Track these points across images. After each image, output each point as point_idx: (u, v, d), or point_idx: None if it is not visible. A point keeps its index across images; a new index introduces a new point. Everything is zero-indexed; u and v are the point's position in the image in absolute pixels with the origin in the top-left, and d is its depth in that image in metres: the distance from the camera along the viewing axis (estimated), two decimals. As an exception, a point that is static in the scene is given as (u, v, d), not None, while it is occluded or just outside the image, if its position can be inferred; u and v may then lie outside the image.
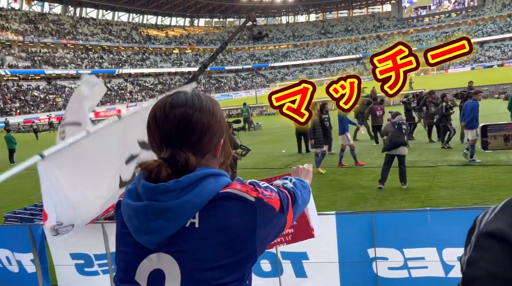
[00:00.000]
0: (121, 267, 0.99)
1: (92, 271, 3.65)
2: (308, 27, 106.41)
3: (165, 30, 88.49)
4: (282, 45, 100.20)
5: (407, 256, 3.24)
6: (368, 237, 3.33)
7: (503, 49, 78.87)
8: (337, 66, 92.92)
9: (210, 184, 0.95)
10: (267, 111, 31.57)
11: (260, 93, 56.25)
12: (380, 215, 3.39)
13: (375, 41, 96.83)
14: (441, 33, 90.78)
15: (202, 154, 1.02)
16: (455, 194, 6.64)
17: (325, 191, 7.78)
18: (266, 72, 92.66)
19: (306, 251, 3.22)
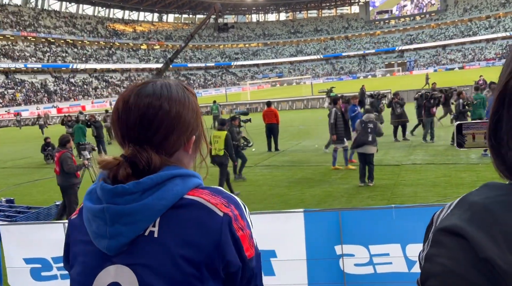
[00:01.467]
0: (77, 280, 0.90)
1: (50, 276, 3.49)
2: (278, 26, 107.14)
3: (132, 25, 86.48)
4: (252, 43, 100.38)
5: (373, 252, 3.31)
6: (336, 234, 3.37)
7: (464, 52, 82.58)
8: (306, 66, 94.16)
9: (176, 186, 0.86)
10: (237, 110, 31.51)
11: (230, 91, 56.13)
12: (347, 212, 3.44)
13: (343, 42, 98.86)
14: (406, 35, 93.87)
15: (171, 151, 0.92)
16: (419, 191, 6.87)
17: (294, 189, 7.84)
18: (236, 70, 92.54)
19: (274, 249, 3.22)
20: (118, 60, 74.56)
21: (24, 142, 22.39)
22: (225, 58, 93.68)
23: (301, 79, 73.92)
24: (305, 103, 29.76)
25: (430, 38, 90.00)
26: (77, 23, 75.00)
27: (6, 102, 51.90)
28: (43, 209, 6.80)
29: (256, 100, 33.27)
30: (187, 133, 0.93)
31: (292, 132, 16.24)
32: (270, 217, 3.67)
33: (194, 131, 0.95)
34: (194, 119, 0.95)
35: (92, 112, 31.63)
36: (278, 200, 7.15)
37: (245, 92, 51.28)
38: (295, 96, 32.69)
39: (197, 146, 0.99)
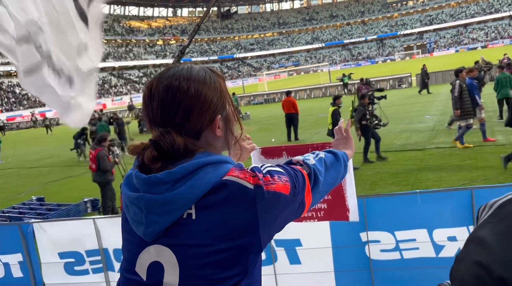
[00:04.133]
0: (125, 256, 0.95)
1: (82, 270, 3.62)
2: (293, 14, 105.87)
3: (147, 22, 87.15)
4: (267, 33, 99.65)
5: (399, 238, 3.29)
6: (361, 221, 3.37)
7: (486, 31, 79.74)
8: (323, 53, 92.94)
9: (207, 174, 0.87)
10: (255, 101, 31.49)
11: (247, 83, 56.10)
12: (371, 199, 3.42)
13: (360, 27, 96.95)
14: (425, 16, 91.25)
15: (194, 132, 0.91)
16: (444, 176, 6.75)
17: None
18: (252, 61, 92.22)
19: (299, 238, 3.25)
20: (135, 57, 75.45)
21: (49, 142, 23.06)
22: (240, 49, 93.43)
23: (318, 67, 73.09)
24: (323, 91, 29.46)
25: (451, 17, 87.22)
26: (94, 22, 76.11)
27: (31, 103, 53.42)
28: (73, 206, 7.02)
29: (273, 90, 33.15)
30: (210, 112, 0.92)
31: (311, 121, 16.14)
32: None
33: (218, 111, 0.93)
34: (218, 99, 0.93)
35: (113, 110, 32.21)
36: (300, 189, 7.16)
37: (262, 83, 51.13)
38: (313, 85, 32.38)
39: (228, 128, 0.97)
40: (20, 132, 36.44)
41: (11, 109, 50.90)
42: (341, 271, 3.42)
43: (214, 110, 0.93)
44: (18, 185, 10.84)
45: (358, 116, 8.19)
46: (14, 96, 54.91)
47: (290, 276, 3.42)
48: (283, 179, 0.92)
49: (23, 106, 52.21)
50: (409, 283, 3.29)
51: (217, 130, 0.94)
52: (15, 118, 44.44)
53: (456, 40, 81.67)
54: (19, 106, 52.46)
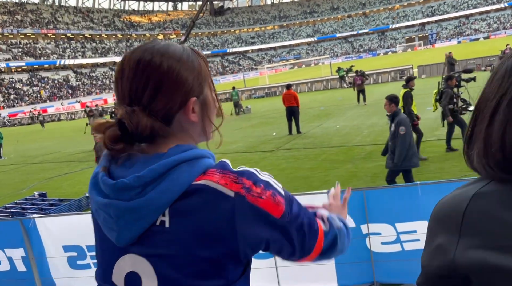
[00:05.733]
0: (100, 263, 0.89)
1: (84, 264, 3.64)
2: (294, 7, 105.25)
3: (148, 16, 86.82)
4: (268, 26, 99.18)
5: (400, 230, 3.30)
6: (361, 213, 3.37)
7: (489, 21, 79.14)
8: (324, 46, 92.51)
9: (182, 173, 0.77)
10: (256, 94, 31.43)
11: (248, 77, 55.95)
12: (372, 192, 3.42)
13: (361, 19, 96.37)
14: (427, 7, 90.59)
15: (164, 114, 0.80)
16: (445, 167, 6.73)
17: (317, 171, 7.82)
18: (253, 55, 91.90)
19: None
20: (136, 52, 75.33)
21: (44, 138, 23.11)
22: (241, 43, 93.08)
23: (319, 59, 72.81)
24: (325, 84, 29.36)
25: (453, 8, 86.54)
26: (94, 17, 75.86)
27: (32, 99, 53.47)
28: (74, 201, 7.05)
29: (274, 83, 33.06)
30: (182, 92, 0.81)
31: (312, 114, 16.11)
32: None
33: (193, 92, 0.83)
34: (194, 79, 0.83)
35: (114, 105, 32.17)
36: (301, 183, 7.17)
37: (263, 77, 50.99)
38: (314, 78, 32.28)
39: (205, 113, 0.86)
40: (21, 128, 36.50)
41: (12, 106, 50.95)
42: (342, 263, 3.43)
43: (189, 91, 0.82)
44: (20, 181, 10.88)
45: (445, 100, 7.48)
46: (16, 92, 54.93)
47: (291, 269, 3.43)
48: (277, 199, 0.79)
49: (25, 103, 52.25)
50: (410, 275, 3.30)
51: (191, 114, 0.83)
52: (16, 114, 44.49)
53: (458, 31, 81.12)
54: (20, 103, 52.51)
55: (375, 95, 19.77)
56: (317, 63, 71.08)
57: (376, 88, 23.45)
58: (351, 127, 11.99)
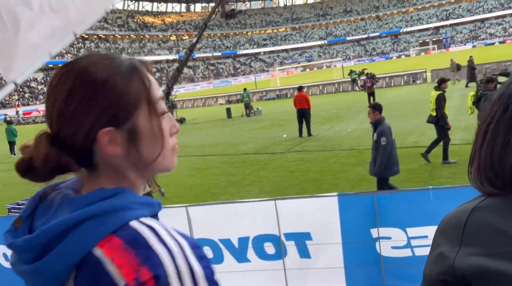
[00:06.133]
0: None
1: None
2: (306, 9, 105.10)
3: (161, 17, 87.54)
4: (280, 28, 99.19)
5: (410, 235, 3.25)
6: (371, 217, 3.33)
7: (504, 26, 77.92)
8: (336, 49, 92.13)
9: (82, 237, 0.60)
10: (267, 96, 31.43)
11: (259, 78, 56.02)
12: (383, 195, 3.39)
13: (374, 22, 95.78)
14: (441, 11, 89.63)
15: (70, 144, 0.65)
16: (458, 172, 6.64)
17: (327, 174, 7.78)
18: (265, 57, 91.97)
19: (309, 231, 3.23)
20: (149, 52, 75.92)
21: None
22: (253, 45, 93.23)
23: (331, 62, 72.53)
24: (336, 87, 29.23)
25: (468, 12, 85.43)
26: (108, 18, 76.78)
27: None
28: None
29: (286, 86, 33.01)
30: (89, 120, 0.64)
31: (324, 117, 16.04)
32: (304, 201, 3.67)
33: (109, 121, 0.64)
34: (113, 105, 0.65)
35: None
36: (311, 185, 7.13)
37: (274, 79, 50.98)
38: (326, 80, 32.15)
39: (137, 145, 0.67)
40: (35, 126, 37.11)
41: (27, 104, 51.81)
42: (351, 267, 3.40)
43: (99, 119, 0.64)
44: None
45: (486, 102, 7.18)
46: (30, 91, 55.86)
47: (300, 272, 3.40)
48: None
49: (39, 101, 53.11)
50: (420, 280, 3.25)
51: (108, 147, 0.65)
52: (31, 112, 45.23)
53: (473, 35, 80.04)
54: (35, 101, 53.38)
55: (387, 99, 19.61)
56: (329, 66, 70.77)
57: (389, 91, 23.26)
58: (363, 130, 11.89)
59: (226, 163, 10.18)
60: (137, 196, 0.67)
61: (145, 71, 0.71)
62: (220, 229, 3.26)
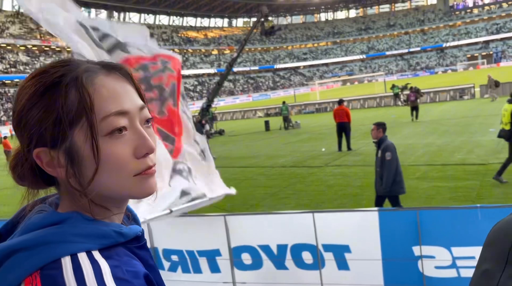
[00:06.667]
0: None
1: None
2: (348, 23, 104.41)
3: (204, 32, 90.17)
4: (321, 42, 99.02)
5: (456, 254, 3.09)
6: (413, 234, 3.21)
7: (562, 39, 73.31)
8: (378, 63, 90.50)
9: (8, 272, 0.56)
10: (306, 110, 31.31)
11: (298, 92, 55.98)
12: (426, 212, 3.25)
13: (419, 36, 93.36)
14: (491, 24, 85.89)
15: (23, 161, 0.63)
16: (510, 193, 6.25)
17: (367, 189, 7.58)
18: (305, 71, 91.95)
19: (348, 244, 3.16)
20: (191, 66, 78.19)
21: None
22: (293, 59, 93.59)
23: (373, 76, 71.22)
24: (378, 102, 28.63)
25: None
26: (154, 33, 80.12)
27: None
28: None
29: (325, 99, 32.76)
30: (25, 138, 0.60)
31: (364, 131, 15.71)
32: (343, 215, 3.61)
33: (43, 140, 0.59)
34: (43, 121, 0.58)
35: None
36: (350, 201, 6.98)
37: (314, 92, 50.76)
38: (367, 95, 31.59)
39: (77, 168, 0.59)
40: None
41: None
42: (392, 285, 3.27)
43: (31, 138, 0.59)
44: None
45: None
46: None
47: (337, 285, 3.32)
48: None
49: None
50: (466, 303, 3.08)
51: (46, 168, 0.61)
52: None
53: (526, 49, 75.86)
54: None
55: (432, 114, 18.95)
56: (371, 80, 69.53)
57: (434, 107, 22.47)
58: (405, 146, 11.54)
59: (263, 175, 10.19)
60: (85, 226, 0.59)
61: (96, 81, 0.60)
62: (259, 237, 3.27)
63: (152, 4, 77.13)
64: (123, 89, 0.62)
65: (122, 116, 0.60)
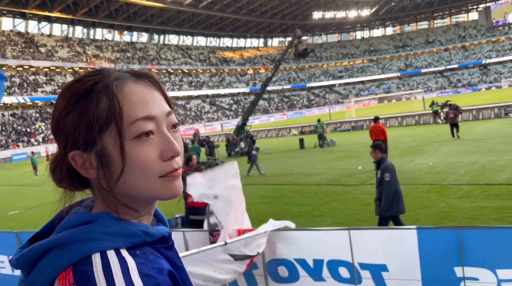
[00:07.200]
0: None
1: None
2: (385, 41, 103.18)
3: (239, 52, 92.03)
4: (357, 60, 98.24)
5: (501, 277, 2.94)
6: (455, 254, 3.09)
7: None
8: (417, 80, 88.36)
9: (45, 268, 0.60)
10: (342, 128, 30.95)
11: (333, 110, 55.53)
12: (469, 231, 3.13)
13: (460, 52, 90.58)
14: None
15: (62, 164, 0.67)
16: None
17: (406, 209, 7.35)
18: (340, 89, 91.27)
19: (385, 263, 3.08)
20: (227, 85, 79.72)
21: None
22: (328, 77, 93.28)
23: (411, 94, 69.52)
24: (417, 119, 27.85)
25: None
26: (192, 54, 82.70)
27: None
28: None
29: (361, 117, 32.28)
30: (62, 142, 0.65)
31: (402, 149, 15.31)
32: (380, 233, 3.53)
33: (77, 143, 0.64)
34: (79, 126, 0.63)
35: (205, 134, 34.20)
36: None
37: (349, 110, 50.16)
38: (405, 112, 30.84)
39: (107, 170, 0.64)
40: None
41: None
42: (432, 307, 3.14)
43: (67, 140, 0.65)
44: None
45: None
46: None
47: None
48: None
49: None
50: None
51: (82, 171, 0.65)
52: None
53: None
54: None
55: (475, 132, 18.22)
56: (409, 98, 67.86)
57: (477, 124, 21.59)
58: (446, 165, 11.14)
59: (298, 192, 10.13)
60: (114, 225, 0.63)
61: (125, 88, 0.65)
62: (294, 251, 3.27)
63: (190, 27, 79.91)
64: (151, 95, 0.67)
65: (149, 121, 0.64)
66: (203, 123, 61.42)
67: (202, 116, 67.38)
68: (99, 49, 67.69)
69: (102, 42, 70.35)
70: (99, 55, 66.17)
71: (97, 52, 66.51)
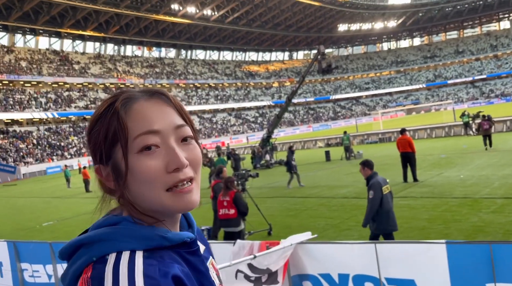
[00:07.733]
0: None
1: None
2: (412, 51, 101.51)
3: (265, 66, 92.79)
4: (384, 71, 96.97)
5: (538, 295, 2.81)
6: (487, 270, 2.98)
7: None
8: (447, 91, 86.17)
9: (74, 263, 0.68)
10: (369, 140, 30.47)
11: (360, 122, 54.80)
12: (501, 246, 3.02)
13: (492, 61, 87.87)
14: None
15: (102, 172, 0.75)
16: None
17: (436, 222, 7.15)
18: (367, 100, 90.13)
19: (413, 278, 3.01)
20: (253, 98, 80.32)
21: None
22: (355, 89, 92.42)
23: (440, 105, 67.78)
24: (447, 131, 27.09)
25: None
26: (218, 68, 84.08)
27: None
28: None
29: (389, 129, 31.71)
30: (92, 156, 0.74)
31: (432, 161, 14.90)
32: (407, 247, 3.47)
33: (98, 158, 0.72)
34: (99, 143, 0.71)
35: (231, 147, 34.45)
36: (416, 234, 6.61)
37: (376, 122, 49.37)
38: (434, 124, 30.07)
39: (121, 181, 0.70)
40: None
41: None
42: (463, 325, 3.04)
43: (95, 155, 0.73)
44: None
45: None
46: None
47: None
48: None
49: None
50: None
51: (105, 182, 0.73)
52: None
53: None
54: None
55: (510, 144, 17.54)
56: (438, 109, 66.17)
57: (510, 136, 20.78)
58: (478, 177, 10.76)
59: (324, 205, 10.03)
60: (133, 228, 0.68)
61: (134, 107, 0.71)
62: (320, 265, 3.24)
63: (216, 42, 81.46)
64: (159, 110, 0.72)
65: (153, 135, 0.69)
66: (229, 136, 61.94)
67: (228, 129, 67.99)
68: (129, 65, 69.90)
69: (132, 58, 72.64)
70: (129, 71, 68.30)
71: (127, 68, 68.69)
